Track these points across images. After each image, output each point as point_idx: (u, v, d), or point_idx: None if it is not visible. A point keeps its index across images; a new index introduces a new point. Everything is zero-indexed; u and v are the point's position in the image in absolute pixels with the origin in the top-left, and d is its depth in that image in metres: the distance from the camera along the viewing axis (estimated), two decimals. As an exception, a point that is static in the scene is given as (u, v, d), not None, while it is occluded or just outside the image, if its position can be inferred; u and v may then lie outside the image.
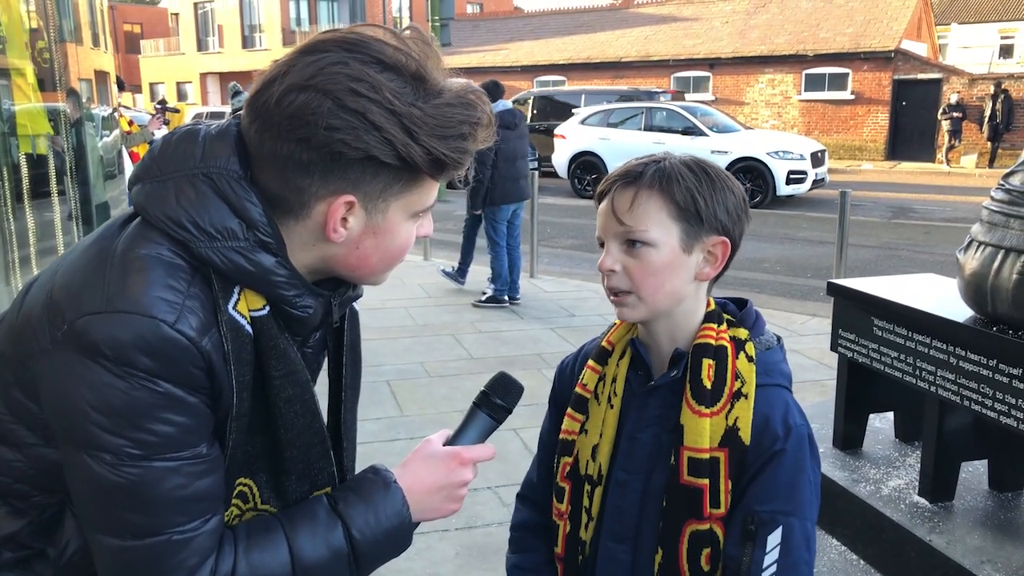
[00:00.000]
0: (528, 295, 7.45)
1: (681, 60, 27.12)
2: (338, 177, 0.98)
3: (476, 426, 1.22)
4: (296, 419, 1.08)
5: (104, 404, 0.92)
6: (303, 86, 0.94)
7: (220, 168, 0.99)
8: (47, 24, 4.03)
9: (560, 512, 1.38)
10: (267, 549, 1.03)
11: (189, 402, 0.96)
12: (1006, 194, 2.75)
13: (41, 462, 1.03)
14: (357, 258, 1.06)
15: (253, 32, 38.08)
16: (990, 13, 35.77)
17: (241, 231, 0.98)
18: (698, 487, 1.21)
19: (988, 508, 3.03)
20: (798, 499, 1.21)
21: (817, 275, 8.42)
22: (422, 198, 1.06)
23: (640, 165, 1.26)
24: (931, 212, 13.03)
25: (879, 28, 24.48)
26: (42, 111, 3.88)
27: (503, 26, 33.96)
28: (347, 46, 0.97)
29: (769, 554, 1.19)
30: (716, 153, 14.08)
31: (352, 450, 1.28)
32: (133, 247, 0.97)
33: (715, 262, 1.28)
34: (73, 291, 0.96)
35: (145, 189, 1.01)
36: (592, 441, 1.34)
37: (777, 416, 1.23)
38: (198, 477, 0.97)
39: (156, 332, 0.92)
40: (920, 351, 3.02)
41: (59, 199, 4.09)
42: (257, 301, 1.02)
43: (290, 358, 1.06)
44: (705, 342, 1.25)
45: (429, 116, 0.97)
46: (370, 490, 1.11)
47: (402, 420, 4.59)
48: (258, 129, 0.98)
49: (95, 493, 0.95)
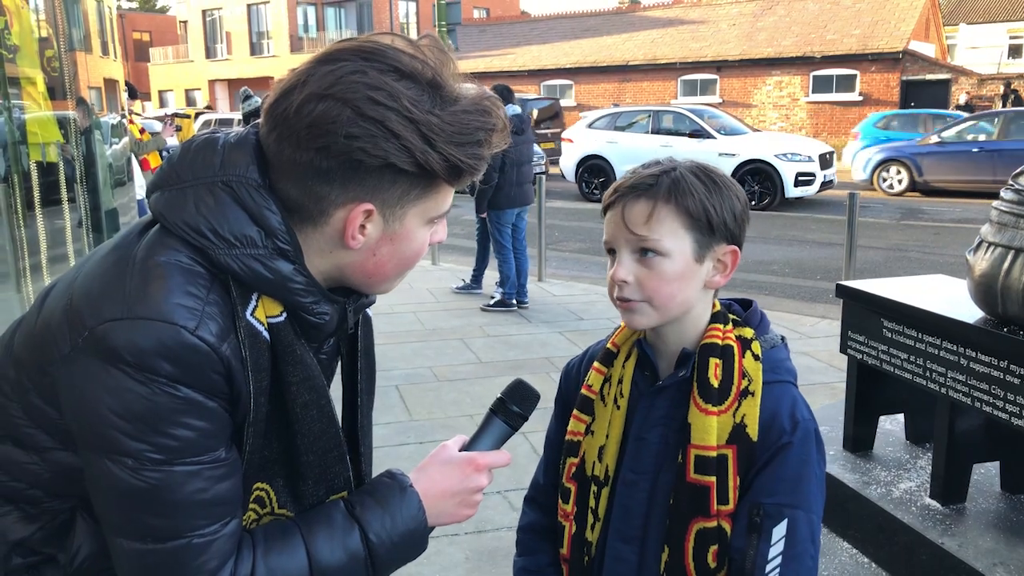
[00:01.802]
0: (536, 299, 7.45)
1: (688, 63, 27.11)
2: (357, 185, 0.99)
3: (492, 433, 1.23)
4: (312, 424, 1.09)
5: (125, 409, 0.93)
6: (322, 95, 0.96)
7: (239, 176, 1.00)
8: (56, 33, 4.06)
9: (566, 513, 1.38)
10: (285, 552, 1.04)
11: (209, 407, 0.97)
12: (1016, 194, 2.74)
13: (58, 466, 1.04)
14: (374, 264, 1.08)
15: (261, 39, 38.25)
16: (998, 13, 35.64)
17: (260, 239, 0.99)
18: (705, 485, 1.22)
19: (1000, 510, 3.01)
20: (804, 492, 1.22)
21: (826, 277, 8.39)
22: (438, 204, 1.07)
23: (650, 176, 1.26)
24: (940, 213, 12.97)
25: (887, 29, 24.43)
26: (52, 119, 3.91)
27: (510, 31, 34.02)
28: (365, 55, 0.98)
29: (774, 546, 1.19)
30: (724, 156, 14.05)
31: (369, 455, 1.29)
32: (152, 254, 0.98)
33: (724, 271, 1.29)
34: (93, 298, 0.97)
35: (164, 196, 1.02)
36: (598, 442, 1.34)
37: (784, 411, 1.24)
38: (217, 481, 0.98)
39: (177, 338, 0.94)
40: (930, 352, 3.01)
41: (69, 207, 4.11)
42: (274, 308, 1.03)
43: (307, 364, 1.07)
44: (712, 342, 1.26)
45: (446, 123, 0.99)
46: (387, 494, 1.12)
47: (411, 424, 4.59)
48: (277, 137, 0.99)
49: (116, 497, 0.96)
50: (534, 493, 1.52)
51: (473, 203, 7.23)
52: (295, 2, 36.97)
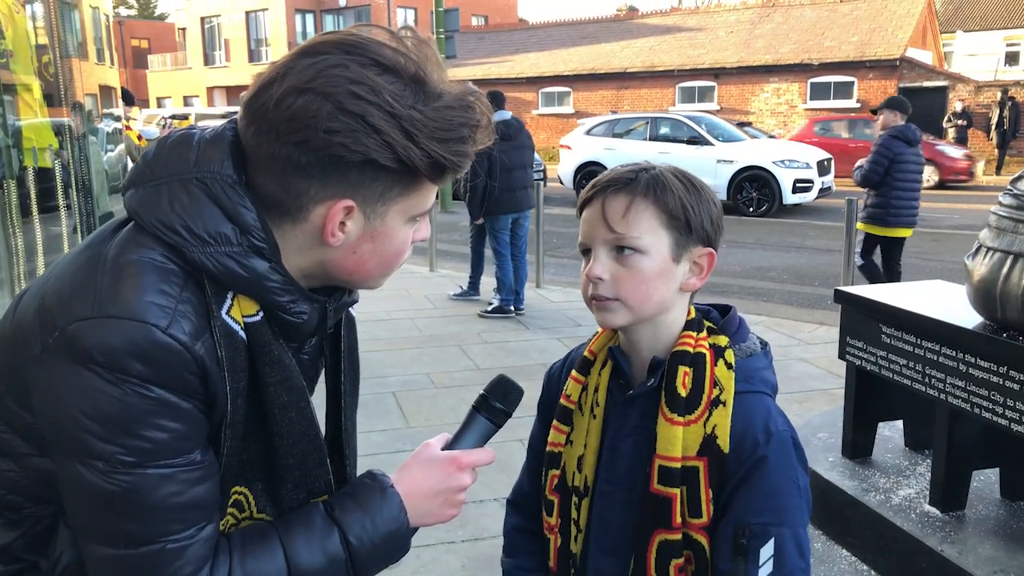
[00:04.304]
0: (534, 305, 7.44)
1: (686, 70, 27.16)
2: (337, 180, 0.97)
3: (475, 430, 1.20)
4: (291, 426, 1.06)
5: (96, 411, 0.91)
6: (302, 88, 0.93)
7: (214, 172, 0.98)
8: (52, 39, 4.05)
9: (550, 526, 1.35)
10: (262, 557, 1.01)
11: (183, 408, 0.95)
12: (1014, 199, 2.73)
13: (35, 473, 1.02)
14: (354, 262, 1.05)
15: (259, 46, 38.29)
16: (995, 20, 35.74)
17: (234, 236, 0.97)
18: (667, 496, 1.19)
19: (1000, 517, 2.99)
20: (786, 507, 1.18)
21: (824, 283, 8.38)
22: (420, 202, 1.05)
23: (630, 172, 1.24)
24: (938, 219, 12.97)
25: (884, 36, 24.49)
26: (47, 125, 3.90)
27: (508, 38, 34.08)
28: (346, 48, 0.96)
29: (763, 567, 1.16)
30: (722, 162, 14.07)
31: (354, 458, 1.27)
32: (124, 252, 0.96)
33: (700, 273, 1.26)
34: (64, 297, 0.95)
35: (139, 193, 1.00)
36: (577, 452, 1.32)
37: (757, 423, 1.20)
38: (192, 484, 0.96)
39: (148, 337, 0.91)
40: (929, 358, 2.99)
41: (65, 213, 4.10)
42: (251, 307, 1.01)
43: (284, 364, 1.04)
44: (683, 349, 1.23)
45: (429, 119, 0.96)
46: (367, 495, 1.09)
47: (408, 432, 4.57)
48: (256, 131, 0.97)
49: (88, 502, 0.94)
50: (518, 499, 1.50)
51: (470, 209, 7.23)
52: (294, 10, 37.05)
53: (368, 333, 6.48)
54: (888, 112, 6.65)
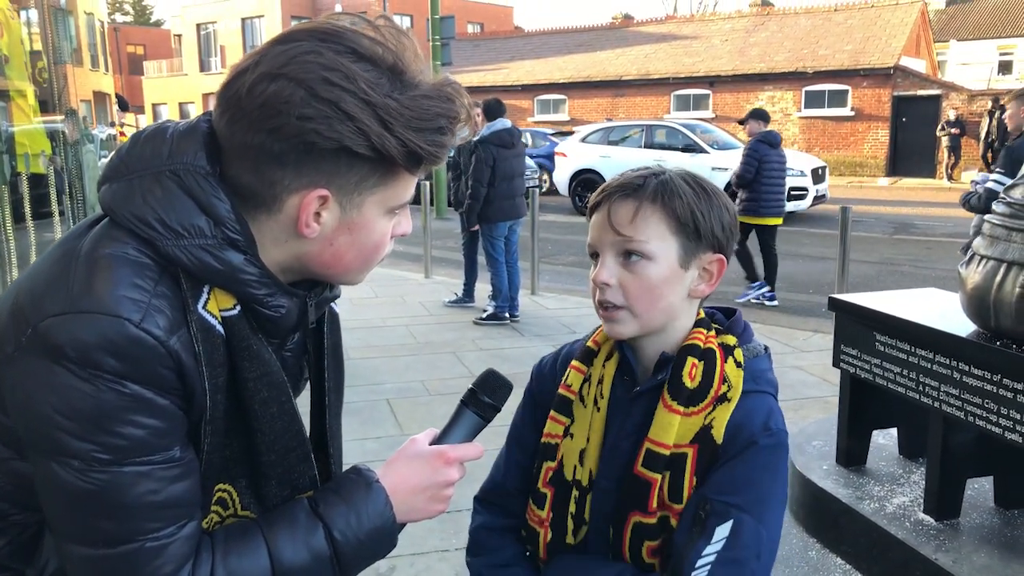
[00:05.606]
0: (529, 312, 7.43)
1: (681, 78, 27.23)
2: (311, 169, 0.96)
3: (463, 425, 1.18)
4: (273, 422, 1.05)
5: (70, 408, 0.89)
6: (275, 75, 0.92)
7: (187, 164, 0.97)
8: (46, 45, 4.05)
9: (540, 519, 1.32)
10: (246, 554, 1.00)
11: (159, 404, 0.93)
12: (1008, 207, 2.74)
13: (18, 478, 1.00)
14: (331, 255, 1.03)
15: (255, 53, 38.36)
16: (989, 30, 35.91)
17: (208, 228, 0.96)
18: (648, 480, 1.19)
19: (994, 525, 2.99)
20: (759, 499, 1.17)
21: (819, 291, 8.39)
22: (398, 193, 1.03)
23: (639, 177, 1.24)
24: (932, 227, 13.01)
25: (878, 45, 24.60)
26: (41, 131, 3.89)
27: (503, 45, 34.15)
28: (321, 36, 0.95)
29: (713, 544, 1.14)
30: (716, 170, 14.09)
31: (339, 456, 1.25)
32: (98, 247, 0.95)
33: (710, 279, 1.26)
34: (37, 294, 0.94)
35: (112, 188, 0.98)
36: (579, 446, 1.30)
37: (757, 419, 1.20)
38: (171, 482, 0.94)
39: (121, 331, 0.90)
40: (923, 366, 3.00)
41: (59, 218, 4.09)
42: (227, 300, 0.99)
43: (264, 359, 1.03)
44: (694, 343, 1.23)
45: (405, 108, 0.95)
46: (352, 490, 1.08)
47: (402, 439, 4.49)
48: (229, 120, 0.96)
49: (64, 501, 0.93)
50: (489, 495, 1.44)
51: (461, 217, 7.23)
52: (290, 16, 37.08)
53: (363, 340, 6.47)
54: (753, 121, 7.83)
